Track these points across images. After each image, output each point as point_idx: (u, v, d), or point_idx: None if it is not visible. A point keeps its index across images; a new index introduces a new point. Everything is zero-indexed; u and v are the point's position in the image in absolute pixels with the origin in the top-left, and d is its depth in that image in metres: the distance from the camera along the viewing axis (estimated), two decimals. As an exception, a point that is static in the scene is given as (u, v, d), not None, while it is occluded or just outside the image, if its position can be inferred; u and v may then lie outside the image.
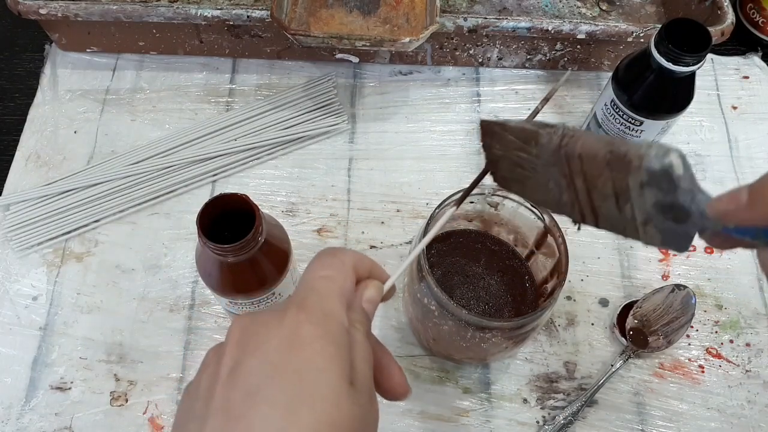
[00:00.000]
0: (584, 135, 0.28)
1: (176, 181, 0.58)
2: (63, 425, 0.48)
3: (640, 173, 0.26)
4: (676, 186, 0.25)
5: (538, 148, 0.30)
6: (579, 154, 0.28)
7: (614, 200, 0.28)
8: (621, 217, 0.28)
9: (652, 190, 0.26)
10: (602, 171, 0.27)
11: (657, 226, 0.27)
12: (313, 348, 0.26)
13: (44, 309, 0.53)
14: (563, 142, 0.29)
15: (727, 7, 0.59)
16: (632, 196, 0.27)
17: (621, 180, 0.27)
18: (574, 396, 0.50)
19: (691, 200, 0.25)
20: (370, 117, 0.63)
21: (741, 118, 0.64)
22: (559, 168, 0.29)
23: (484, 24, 0.58)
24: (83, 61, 0.66)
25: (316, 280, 0.29)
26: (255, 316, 0.28)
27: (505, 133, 0.32)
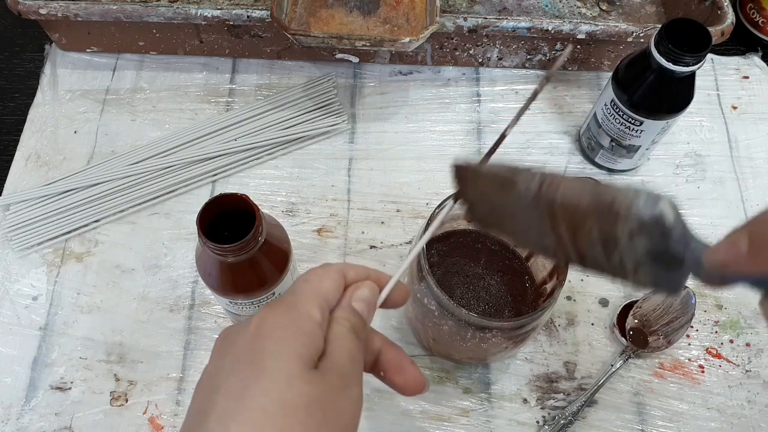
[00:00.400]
0: (564, 181, 0.27)
1: (176, 181, 0.58)
2: (63, 425, 0.48)
3: (629, 223, 0.25)
4: (668, 235, 0.24)
5: (515, 195, 0.28)
6: (561, 201, 0.27)
7: (601, 247, 0.27)
8: (609, 264, 0.27)
9: (643, 239, 0.25)
10: (587, 218, 0.26)
11: (648, 273, 0.26)
12: (272, 336, 0.28)
13: (44, 309, 0.53)
14: (542, 190, 0.27)
15: (727, 7, 0.59)
16: (621, 243, 0.26)
17: (608, 228, 0.26)
18: (574, 396, 0.50)
19: (684, 248, 0.25)
20: (370, 117, 0.63)
21: (741, 118, 0.64)
22: (540, 213, 0.28)
23: (484, 24, 0.58)
24: (83, 61, 0.66)
25: (295, 284, 0.31)
26: (232, 326, 0.31)
27: (478, 177, 0.31)
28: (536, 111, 0.64)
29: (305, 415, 0.26)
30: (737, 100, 0.65)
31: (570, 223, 0.27)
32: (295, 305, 0.29)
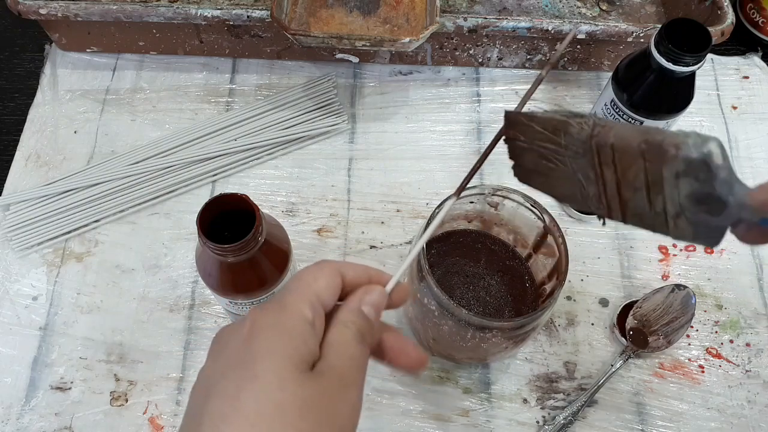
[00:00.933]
0: (617, 125, 0.27)
1: (176, 181, 0.58)
2: (63, 425, 0.48)
3: (677, 162, 0.25)
4: (715, 176, 0.24)
5: (567, 138, 0.29)
6: (612, 143, 0.27)
7: (645, 192, 0.27)
8: (650, 211, 0.27)
9: (689, 180, 0.25)
10: (635, 161, 0.26)
11: (689, 219, 0.26)
12: (264, 337, 0.27)
13: (44, 309, 0.53)
14: (594, 131, 0.28)
15: (727, 7, 0.59)
16: (666, 187, 0.26)
17: (655, 170, 0.26)
18: (574, 396, 0.50)
19: (728, 191, 0.24)
20: (370, 117, 0.63)
21: (741, 118, 0.64)
22: (588, 159, 0.29)
23: (484, 24, 0.58)
24: (83, 61, 0.66)
25: (289, 282, 0.31)
26: (226, 326, 0.30)
27: (531, 124, 0.31)
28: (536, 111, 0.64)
29: (298, 418, 0.25)
30: (737, 100, 0.65)
31: (618, 166, 0.27)
32: (286, 305, 0.29)
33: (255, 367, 0.26)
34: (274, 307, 0.29)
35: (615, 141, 0.27)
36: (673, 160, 0.25)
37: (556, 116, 0.30)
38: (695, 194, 0.25)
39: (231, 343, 0.28)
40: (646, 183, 0.27)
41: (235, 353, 0.27)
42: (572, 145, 0.29)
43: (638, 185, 0.27)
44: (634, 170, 0.27)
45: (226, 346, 0.28)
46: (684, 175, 0.25)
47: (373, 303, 0.31)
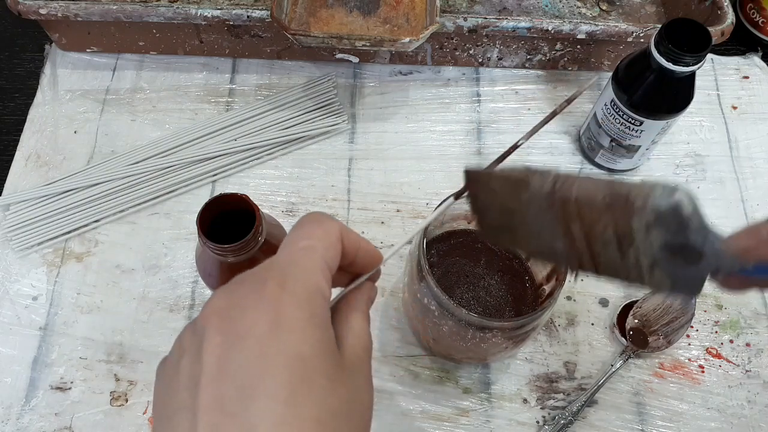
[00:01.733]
0: (578, 179, 0.27)
1: (176, 181, 0.58)
2: (63, 425, 0.48)
3: (645, 213, 0.24)
4: (686, 225, 0.24)
5: (529, 195, 0.28)
6: (575, 198, 0.26)
7: (616, 245, 0.26)
8: (624, 264, 0.26)
9: (660, 231, 0.24)
10: (602, 214, 0.26)
11: (665, 270, 0.25)
12: (302, 335, 0.24)
13: (44, 309, 0.53)
14: (556, 186, 0.27)
15: (727, 7, 0.59)
16: (637, 239, 0.25)
17: (624, 223, 0.25)
18: (574, 396, 0.50)
19: (703, 240, 0.24)
20: (370, 117, 0.63)
21: (741, 118, 0.64)
22: (553, 214, 0.28)
23: (484, 24, 0.58)
24: (83, 61, 0.66)
25: (297, 252, 0.27)
26: (231, 296, 0.26)
27: (491, 180, 0.30)
28: (536, 111, 0.64)
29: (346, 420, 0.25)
30: (737, 100, 0.65)
31: (584, 220, 0.27)
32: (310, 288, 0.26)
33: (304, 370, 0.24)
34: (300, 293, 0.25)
35: (578, 195, 0.26)
36: (641, 211, 0.24)
37: (514, 173, 0.29)
38: (669, 245, 0.24)
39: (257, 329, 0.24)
40: (616, 236, 0.26)
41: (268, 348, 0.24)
42: (535, 201, 0.28)
43: (608, 239, 0.26)
44: (602, 224, 0.26)
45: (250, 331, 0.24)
46: (655, 226, 0.24)
47: (373, 299, 0.31)
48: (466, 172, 0.32)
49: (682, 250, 0.24)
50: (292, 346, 0.24)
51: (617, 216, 0.25)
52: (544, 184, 0.27)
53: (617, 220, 0.25)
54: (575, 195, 0.26)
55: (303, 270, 0.26)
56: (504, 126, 0.63)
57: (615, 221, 0.25)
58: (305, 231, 0.28)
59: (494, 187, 0.30)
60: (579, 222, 0.27)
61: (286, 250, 0.27)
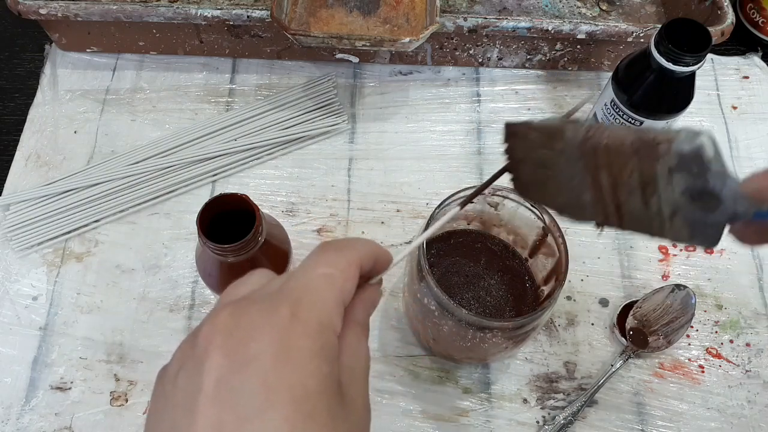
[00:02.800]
0: (610, 127, 0.28)
1: (176, 181, 0.58)
2: (63, 425, 0.48)
3: (669, 157, 0.25)
4: (707, 169, 0.24)
5: (563, 143, 0.29)
6: (606, 144, 0.27)
7: (640, 193, 0.27)
8: (647, 213, 0.27)
9: (682, 175, 0.25)
10: (629, 160, 0.26)
11: (685, 218, 0.26)
12: (309, 369, 0.23)
13: (44, 309, 0.53)
14: (589, 134, 0.28)
15: (727, 7, 0.59)
16: (660, 185, 0.26)
17: (648, 168, 0.26)
18: (574, 396, 0.50)
19: (722, 184, 0.24)
20: (370, 117, 0.63)
21: (741, 118, 0.64)
22: (583, 163, 0.28)
23: (484, 24, 0.58)
24: (83, 61, 0.66)
25: (315, 279, 0.26)
26: (240, 315, 0.25)
27: (529, 132, 0.31)
28: (536, 111, 0.64)
29: None
30: (737, 100, 0.65)
31: (612, 168, 0.27)
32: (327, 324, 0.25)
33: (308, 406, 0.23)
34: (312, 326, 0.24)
35: (608, 141, 0.27)
36: (666, 154, 0.25)
37: (552, 122, 0.30)
38: (689, 189, 0.25)
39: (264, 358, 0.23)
40: (641, 182, 0.26)
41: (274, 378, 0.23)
42: (568, 150, 0.29)
43: (633, 186, 0.27)
44: (628, 170, 0.27)
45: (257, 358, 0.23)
46: (677, 170, 0.25)
47: (375, 304, 0.30)
48: (506, 125, 0.32)
49: (702, 196, 0.25)
50: (298, 380, 0.23)
51: (643, 161, 0.26)
52: (578, 132, 0.28)
53: (643, 166, 0.26)
54: (605, 141, 0.27)
55: (319, 301, 0.25)
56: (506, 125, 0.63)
57: (641, 167, 0.26)
58: (327, 258, 0.27)
59: (532, 138, 0.31)
60: (607, 170, 0.28)
61: (305, 275, 0.26)
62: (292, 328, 0.24)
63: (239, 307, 0.25)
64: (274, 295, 0.25)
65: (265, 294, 0.26)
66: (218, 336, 0.24)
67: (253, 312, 0.25)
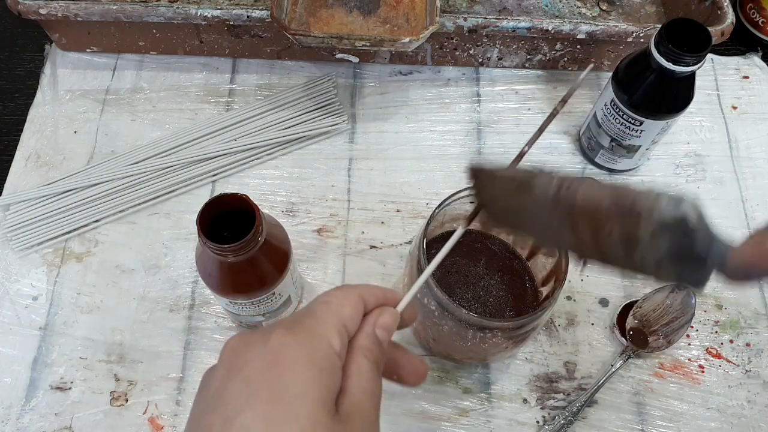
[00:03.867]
0: (583, 183, 0.27)
1: (176, 181, 0.58)
2: (63, 425, 0.48)
3: (651, 224, 0.25)
4: (692, 236, 0.24)
5: (532, 198, 0.28)
6: (581, 205, 0.27)
7: (622, 247, 0.26)
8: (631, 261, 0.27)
9: (666, 239, 0.25)
10: (606, 221, 0.26)
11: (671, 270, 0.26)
12: (295, 371, 0.25)
13: (44, 309, 0.53)
14: (561, 193, 0.27)
15: (727, 7, 0.59)
16: (642, 244, 0.25)
17: (629, 230, 0.25)
18: (574, 396, 0.50)
19: (707, 249, 0.24)
20: (370, 117, 0.63)
21: (741, 118, 0.64)
22: (558, 216, 0.28)
23: (484, 24, 0.58)
24: (83, 61, 0.66)
25: (315, 305, 0.29)
26: (244, 335, 0.28)
27: (494, 179, 0.31)
28: (536, 111, 0.64)
29: None
30: (737, 100, 0.65)
31: (590, 224, 0.27)
32: (316, 334, 0.27)
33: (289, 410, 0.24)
34: (304, 336, 0.26)
35: (583, 203, 0.27)
36: (647, 221, 0.24)
37: (518, 174, 0.29)
38: (673, 252, 0.25)
39: (254, 364, 0.25)
40: (623, 240, 0.26)
41: (261, 382, 0.25)
42: (539, 203, 0.28)
43: (614, 239, 0.26)
44: (607, 229, 0.26)
45: (247, 365, 0.25)
46: (660, 234, 0.24)
47: (386, 326, 0.30)
48: (469, 169, 0.31)
49: (687, 257, 0.25)
50: (282, 383, 0.25)
51: (623, 223, 0.26)
52: (549, 187, 0.28)
53: (623, 227, 0.26)
54: (580, 201, 0.27)
55: (314, 319, 0.28)
56: (504, 126, 0.63)
57: (621, 228, 0.26)
58: (329, 292, 0.30)
59: (498, 187, 0.31)
60: (585, 224, 0.27)
61: (308, 306, 0.29)
62: (284, 342, 0.26)
63: (245, 332, 0.28)
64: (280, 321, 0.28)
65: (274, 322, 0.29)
66: (225, 352, 0.27)
67: (257, 333, 0.27)
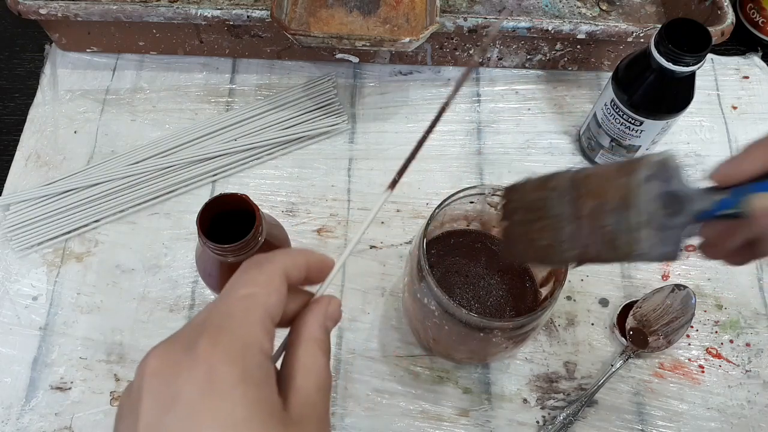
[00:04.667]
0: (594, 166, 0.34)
1: (176, 181, 0.58)
2: (63, 425, 0.48)
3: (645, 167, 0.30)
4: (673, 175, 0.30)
5: (555, 181, 0.34)
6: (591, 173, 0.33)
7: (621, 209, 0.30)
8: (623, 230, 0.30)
9: (655, 183, 0.30)
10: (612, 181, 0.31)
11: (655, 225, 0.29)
12: (234, 396, 0.23)
13: (44, 309, 0.53)
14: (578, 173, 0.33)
15: (727, 7, 0.59)
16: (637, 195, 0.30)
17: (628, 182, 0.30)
18: (574, 396, 0.50)
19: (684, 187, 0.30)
20: (370, 117, 0.63)
21: (741, 118, 0.64)
22: (570, 197, 0.33)
23: (484, 24, 0.58)
24: (83, 61, 0.66)
25: (235, 302, 0.25)
26: (165, 356, 0.24)
27: (526, 184, 0.36)
28: (536, 111, 0.64)
29: None
30: (737, 100, 0.65)
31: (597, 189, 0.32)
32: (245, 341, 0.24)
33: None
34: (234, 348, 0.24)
35: (594, 171, 0.33)
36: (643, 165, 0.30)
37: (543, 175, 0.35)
38: (661, 195, 0.29)
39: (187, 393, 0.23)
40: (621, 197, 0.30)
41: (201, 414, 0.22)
42: (558, 187, 0.34)
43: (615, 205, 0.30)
44: (612, 190, 0.31)
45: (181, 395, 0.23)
46: (651, 178, 0.30)
47: (335, 318, 0.28)
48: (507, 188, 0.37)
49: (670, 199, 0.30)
50: (224, 411, 0.22)
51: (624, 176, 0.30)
52: (568, 173, 0.34)
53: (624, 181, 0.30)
54: (591, 172, 0.33)
55: (239, 323, 0.24)
56: (504, 126, 0.63)
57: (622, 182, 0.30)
58: (246, 277, 0.26)
59: (527, 187, 0.36)
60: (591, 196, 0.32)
61: (225, 300, 0.26)
62: (213, 358, 0.23)
63: (164, 348, 0.25)
64: (197, 327, 0.25)
65: (189, 329, 0.25)
66: (147, 380, 0.24)
67: (177, 350, 0.24)
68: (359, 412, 0.49)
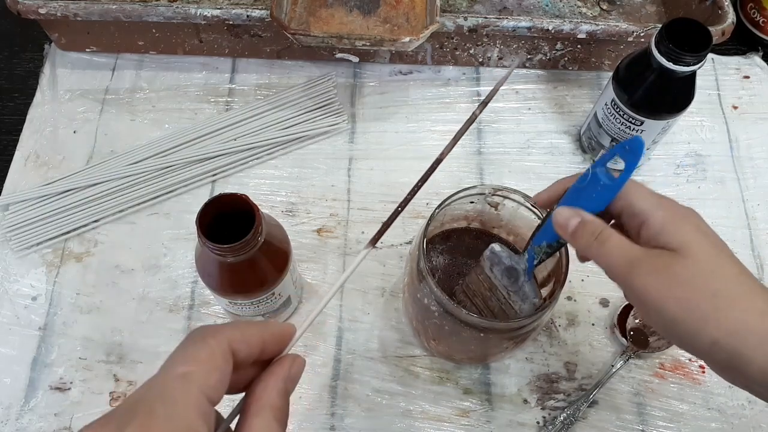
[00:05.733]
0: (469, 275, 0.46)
1: (176, 181, 0.58)
2: (62, 425, 0.48)
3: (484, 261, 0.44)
4: (501, 255, 0.43)
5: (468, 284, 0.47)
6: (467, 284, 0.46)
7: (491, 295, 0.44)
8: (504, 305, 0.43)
9: (495, 267, 0.43)
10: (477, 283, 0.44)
11: (514, 292, 0.42)
12: None
13: (44, 309, 0.53)
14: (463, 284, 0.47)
15: (727, 6, 0.59)
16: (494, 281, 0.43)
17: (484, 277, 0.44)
18: (574, 396, 0.50)
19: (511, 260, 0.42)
20: (370, 117, 0.63)
21: (741, 117, 0.64)
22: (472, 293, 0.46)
23: (485, 24, 0.58)
24: (83, 61, 0.66)
25: (170, 382, 0.23)
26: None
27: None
28: (536, 111, 0.64)
29: None
30: (738, 100, 0.65)
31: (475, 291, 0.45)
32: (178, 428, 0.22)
33: None
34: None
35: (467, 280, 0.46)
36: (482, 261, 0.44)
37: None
38: (503, 271, 0.42)
39: None
40: (487, 288, 0.44)
41: None
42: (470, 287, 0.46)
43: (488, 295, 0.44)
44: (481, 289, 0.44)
45: None
46: (493, 266, 0.43)
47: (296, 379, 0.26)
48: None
49: (509, 272, 0.42)
50: None
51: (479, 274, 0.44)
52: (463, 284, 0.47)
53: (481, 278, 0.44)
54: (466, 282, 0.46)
55: (173, 407, 0.22)
56: (504, 126, 0.63)
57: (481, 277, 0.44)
58: (186, 354, 0.24)
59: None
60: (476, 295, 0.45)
61: (161, 379, 0.24)
62: None
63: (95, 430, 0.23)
64: (130, 408, 0.23)
65: (122, 409, 0.23)
66: None
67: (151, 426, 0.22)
68: (359, 412, 0.49)
